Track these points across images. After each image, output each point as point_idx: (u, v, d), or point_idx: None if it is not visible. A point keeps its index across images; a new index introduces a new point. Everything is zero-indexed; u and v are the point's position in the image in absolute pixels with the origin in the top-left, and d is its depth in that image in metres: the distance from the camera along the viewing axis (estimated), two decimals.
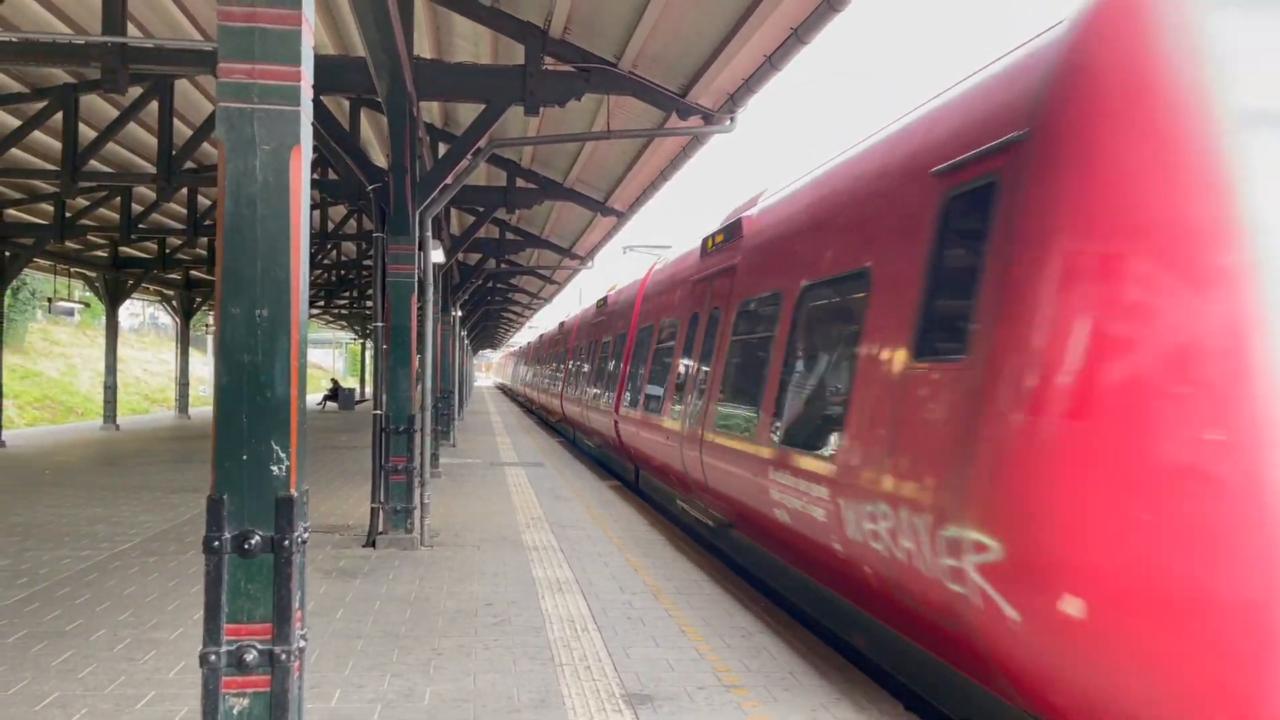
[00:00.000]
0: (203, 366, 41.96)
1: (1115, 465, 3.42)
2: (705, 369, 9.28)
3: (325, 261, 25.96)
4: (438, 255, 11.54)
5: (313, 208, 18.16)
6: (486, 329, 50.70)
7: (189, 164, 14.81)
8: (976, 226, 4.43)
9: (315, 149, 12.47)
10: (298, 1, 3.11)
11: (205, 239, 21.74)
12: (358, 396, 44.39)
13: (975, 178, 4.58)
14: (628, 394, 13.47)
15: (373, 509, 9.71)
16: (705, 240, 10.39)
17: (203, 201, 19.37)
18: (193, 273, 28.94)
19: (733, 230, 9.20)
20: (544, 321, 49.68)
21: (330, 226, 21.15)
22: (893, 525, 4.76)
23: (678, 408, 10.19)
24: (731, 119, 10.07)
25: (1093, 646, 3.50)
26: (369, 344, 48.58)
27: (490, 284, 29.49)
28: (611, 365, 15.29)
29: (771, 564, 7.59)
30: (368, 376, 51.51)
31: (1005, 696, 4.20)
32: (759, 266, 8.09)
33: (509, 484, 14.85)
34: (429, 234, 10.16)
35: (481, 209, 15.59)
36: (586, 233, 19.99)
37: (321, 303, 35.30)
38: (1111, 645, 3.44)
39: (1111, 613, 3.41)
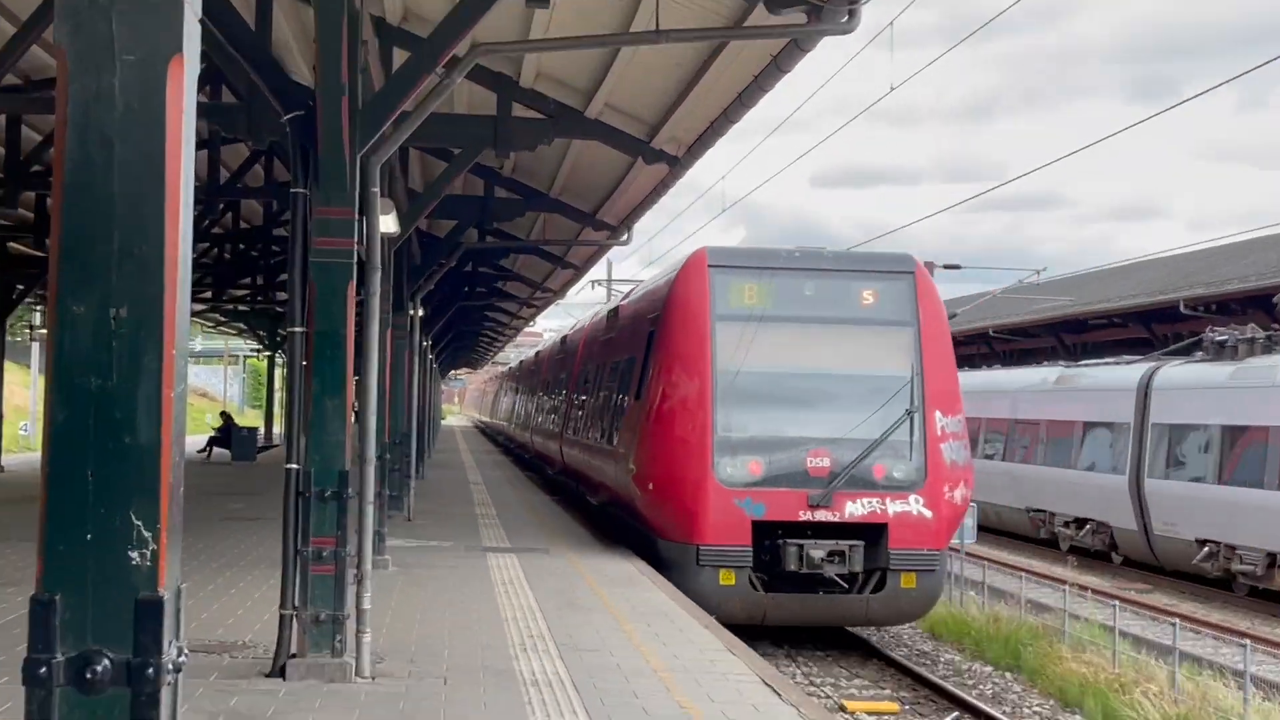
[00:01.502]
0: (26, 391, 42.54)
1: (666, 437, 19.23)
2: (601, 398, 25.28)
3: (216, 231, 26.28)
4: (390, 223, 11.64)
5: (199, 148, 18.38)
6: (463, 339, 51.10)
7: (8, 79, 15.08)
8: (654, 344, 20.45)
9: (204, 58, 12.61)
10: None
11: (30, 195, 22.14)
12: (261, 440, 44.89)
13: (653, 324, 20.86)
14: (571, 422, 29.78)
15: (283, 617, 9.76)
16: (609, 312, 27.16)
17: (29, 136, 19.68)
18: (11, 245, 29.39)
19: (613, 313, 26.38)
20: (557, 326, 50.05)
21: (224, 177, 21.40)
22: (625, 469, 20.99)
23: (594, 420, 26.50)
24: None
25: (657, 501, 19.32)
26: (280, 358, 49.12)
27: (470, 268, 29.67)
28: (562, 395, 32.76)
29: (613, 515, 23.41)
30: (277, 409, 52.04)
31: (648, 529, 19.98)
32: (616, 342, 24.67)
33: (494, 579, 14.97)
34: (376, 189, 10.25)
35: (459, 149, 15.71)
36: (622, 188, 20.03)
37: (208, 294, 35.72)
38: (660, 499, 19.20)
39: (662, 488, 19.09)
